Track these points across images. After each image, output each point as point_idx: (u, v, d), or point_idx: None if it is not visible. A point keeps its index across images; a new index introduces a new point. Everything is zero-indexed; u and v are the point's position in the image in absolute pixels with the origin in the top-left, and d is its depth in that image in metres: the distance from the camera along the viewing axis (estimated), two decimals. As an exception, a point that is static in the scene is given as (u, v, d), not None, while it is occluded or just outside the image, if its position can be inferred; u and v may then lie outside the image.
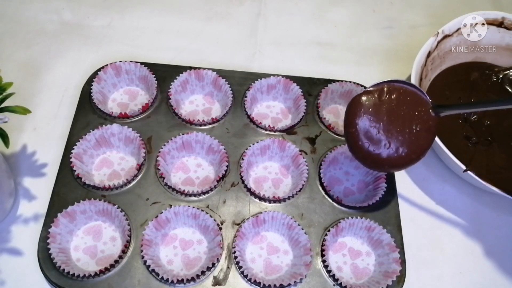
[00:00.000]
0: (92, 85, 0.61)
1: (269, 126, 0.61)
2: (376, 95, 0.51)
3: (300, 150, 0.59)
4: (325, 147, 0.61)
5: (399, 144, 0.51)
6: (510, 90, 0.68)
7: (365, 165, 0.54)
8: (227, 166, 0.58)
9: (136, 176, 0.57)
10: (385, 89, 0.51)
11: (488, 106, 0.53)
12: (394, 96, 0.51)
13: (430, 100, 0.51)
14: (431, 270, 0.57)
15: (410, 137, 0.50)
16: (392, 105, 0.51)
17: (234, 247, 0.52)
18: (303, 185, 0.57)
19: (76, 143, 0.56)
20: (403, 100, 0.51)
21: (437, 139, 0.56)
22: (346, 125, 0.52)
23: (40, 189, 0.57)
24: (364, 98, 0.51)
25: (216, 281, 0.51)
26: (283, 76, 0.64)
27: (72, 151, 0.56)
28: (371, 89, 0.52)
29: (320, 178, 0.58)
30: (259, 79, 0.64)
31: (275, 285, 0.50)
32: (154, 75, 0.63)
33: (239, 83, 0.65)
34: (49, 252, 0.50)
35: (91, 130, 0.57)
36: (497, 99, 0.52)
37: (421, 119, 0.50)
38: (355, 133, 0.51)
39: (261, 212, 0.54)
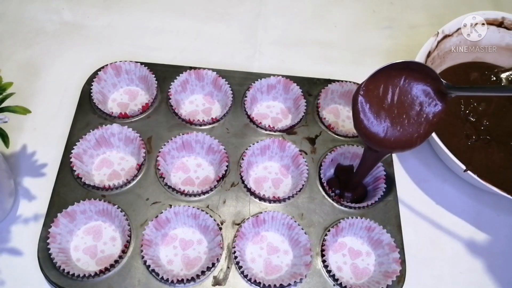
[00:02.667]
0: (92, 85, 0.61)
1: (269, 126, 0.61)
2: (381, 85, 0.48)
3: (300, 150, 0.59)
4: (325, 147, 0.61)
5: (402, 129, 0.48)
6: (510, 90, 0.68)
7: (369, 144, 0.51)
8: (227, 166, 0.58)
9: (136, 176, 0.57)
10: (389, 79, 0.48)
11: (502, 92, 0.50)
12: (399, 85, 0.48)
13: (442, 80, 0.47)
14: (431, 270, 0.57)
15: (413, 122, 0.48)
16: (396, 96, 0.48)
17: (234, 247, 0.52)
18: (303, 185, 0.57)
19: (76, 143, 0.56)
20: (408, 89, 0.48)
21: (437, 139, 0.56)
22: (353, 114, 0.50)
23: (40, 189, 0.57)
24: (370, 88, 0.48)
25: (216, 281, 0.51)
26: (283, 76, 0.64)
27: (72, 151, 0.56)
28: (375, 78, 0.48)
29: (320, 178, 0.58)
30: (259, 79, 0.64)
31: (275, 285, 0.50)
32: (154, 75, 0.63)
33: (239, 83, 0.65)
34: (49, 252, 0.50)
35: (91, 130, 0.57)
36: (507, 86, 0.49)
37: (426, 105, 0.48)
38: (362, 121, 0.49)
39: (261, 212, 0.54)
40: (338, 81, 0.65)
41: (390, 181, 0.58)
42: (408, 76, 0.48)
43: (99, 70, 0.63)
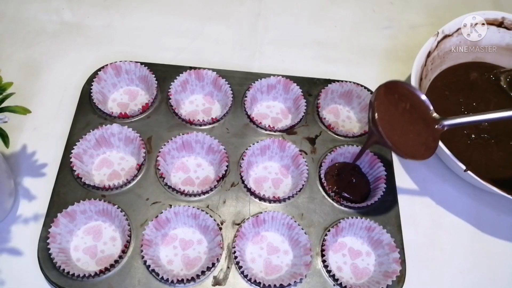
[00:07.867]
0: (92, 85, 0.61)
1: (269, 126, 0.61)
2: (392, 98, 0.51)
3: (300, 150, 0.59)
4: (325, 147, 0.61)
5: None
6: (508, 90, 0.68)
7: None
8: (227, 166, 0.58)
9: (136, 176, 0.57)
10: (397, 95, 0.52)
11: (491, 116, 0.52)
12: (407, 103, 0.52)
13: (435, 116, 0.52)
14: (431, 270, 0.57)
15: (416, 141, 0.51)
16: (404, 112, 0.52)
17: (234, 247, 0.52)
18: (303, 185, 0.57)
19: (76, 143, 0.56)
20: (414, 109, 0.52)
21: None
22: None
23: (40, 189, 0.57)
24: (383, 99, 0.51)
25: (216, 281, 0.51)
26: (283, 76, 0.64)
27: (72, 151, 0.56)
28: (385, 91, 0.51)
29: (320, 178, 0.58)
30: (259, 79, 0.64)
31: (275, 285, 0.50)
32: (154, 75, 0.63)
33: (239, 83, 0.65)
34: (49, 252, 0.50)
35: (91, 130, 0.57)
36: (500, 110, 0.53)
37: (428, 129, 0.51)
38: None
39: (261, 212, 0.54)
40: (338, 81, 0.65)
41: (390, 181, 0.58)
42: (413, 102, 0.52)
43: (99, 70, 0.63)
